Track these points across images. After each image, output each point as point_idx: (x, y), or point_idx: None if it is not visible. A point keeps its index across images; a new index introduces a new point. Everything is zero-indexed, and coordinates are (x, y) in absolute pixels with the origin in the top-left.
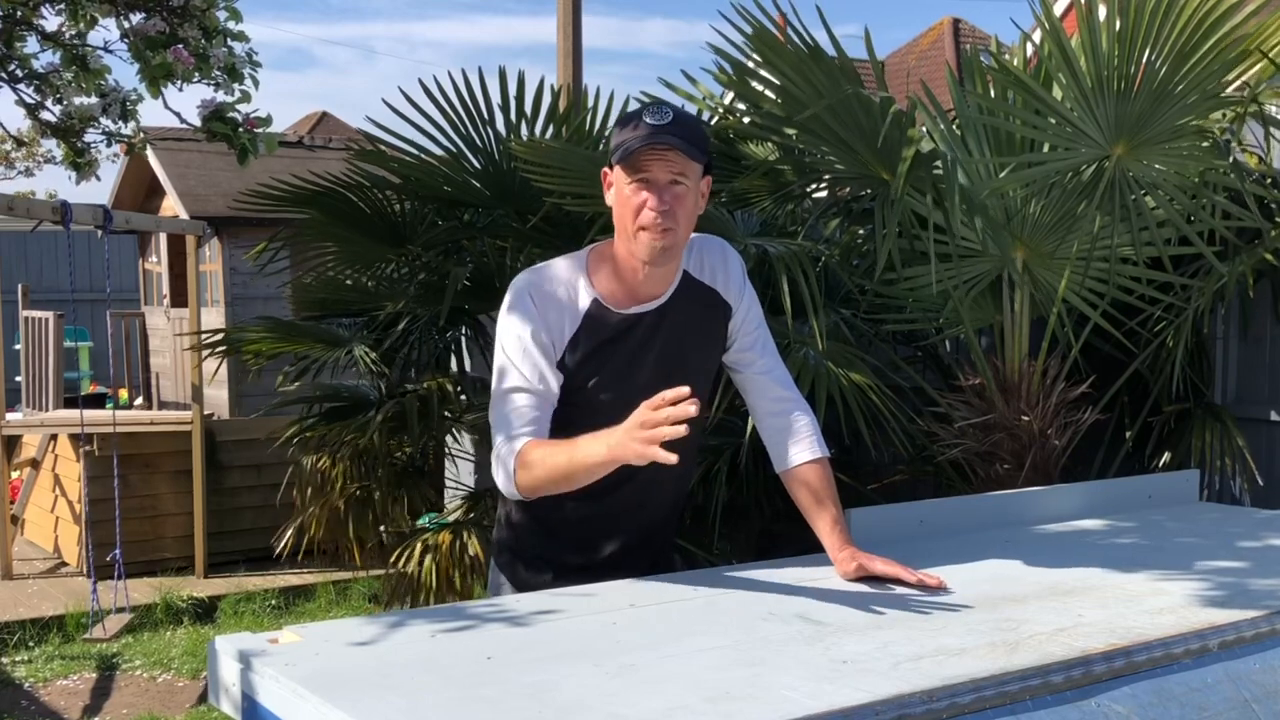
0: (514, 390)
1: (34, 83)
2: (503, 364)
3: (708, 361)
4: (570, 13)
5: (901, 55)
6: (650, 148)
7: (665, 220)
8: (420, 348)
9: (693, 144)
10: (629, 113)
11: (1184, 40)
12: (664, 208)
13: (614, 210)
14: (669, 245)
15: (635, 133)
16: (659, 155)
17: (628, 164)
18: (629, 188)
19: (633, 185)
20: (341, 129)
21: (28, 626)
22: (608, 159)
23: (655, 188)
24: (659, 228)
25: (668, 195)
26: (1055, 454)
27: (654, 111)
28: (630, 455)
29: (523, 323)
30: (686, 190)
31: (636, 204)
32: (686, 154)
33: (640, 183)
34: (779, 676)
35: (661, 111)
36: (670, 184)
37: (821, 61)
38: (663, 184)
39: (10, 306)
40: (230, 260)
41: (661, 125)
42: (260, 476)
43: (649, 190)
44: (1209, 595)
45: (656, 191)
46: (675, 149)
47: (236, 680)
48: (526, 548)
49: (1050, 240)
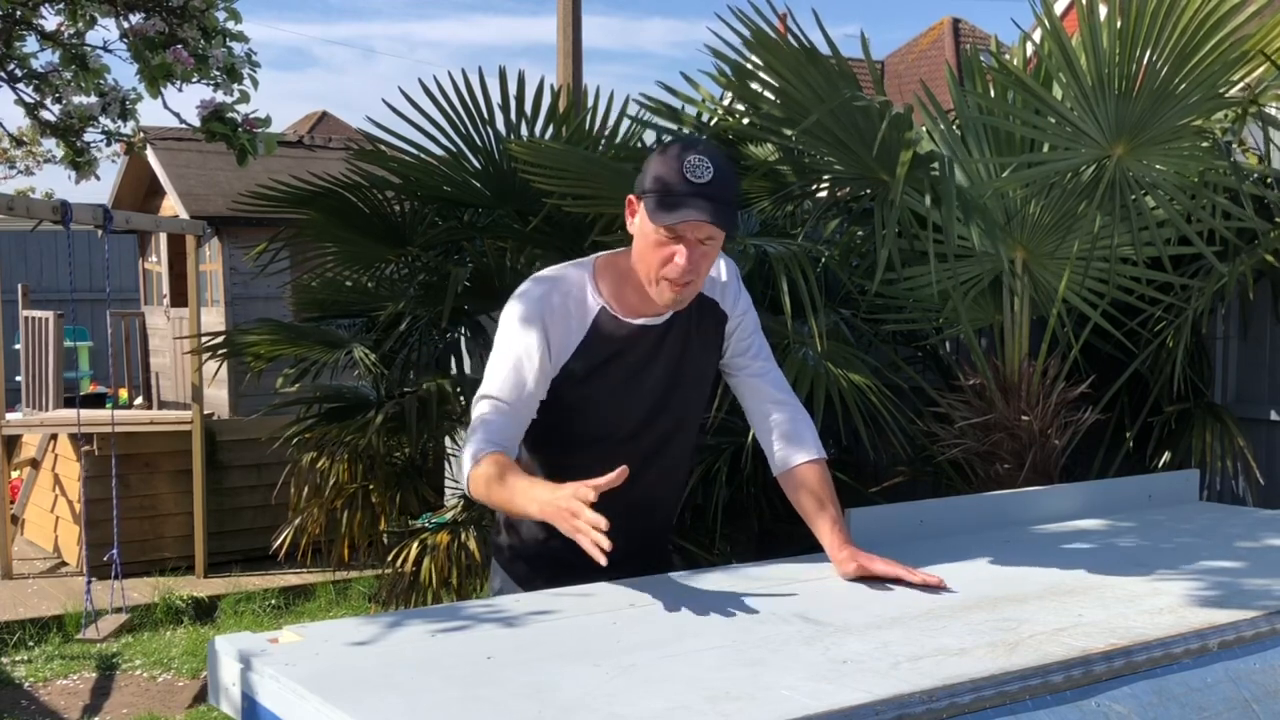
0: (491, 399)
1: (33, 82)
2: (495, 365)
3: (706, 368)
4: (570, 13)
5: (901, 55)
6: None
7: (688, 275)
8: (420, 349)
9: (728, 207)
10: (670, 148)
11: (1185, 40)
12: (690, 266)
13: (636, 245)
14: (687, 298)
15: (675, 180)
16: (695, 224)
17: (661, 217)
18: (656, 235)
19: (661, 235)
20: (341, 129)
21: (27, 626)
22: (636, 184)
23: (686, 243)
24: (682, 283)
25: (696, 254)
26: (1055, 454)
27: (696, 167)
28: (559, 528)
29: (521, 334)
30: (714, 248)
31: (663, 256)
32: (721, 225)
33: (671, 237)
34: (779, 676)
35: (704, 166)
36: (701, 241)
37: (819, 63)
38: (694, 240)
39: (10, 306)
40: (230, 260)
41: (704, 186)
42: (260, 476)
43: (678, 244)
44: (1209, 595)
45: (687, 248)
46: (714, 221)
47: (236, 680)
48: (527, 547)
49: (1050, 240)
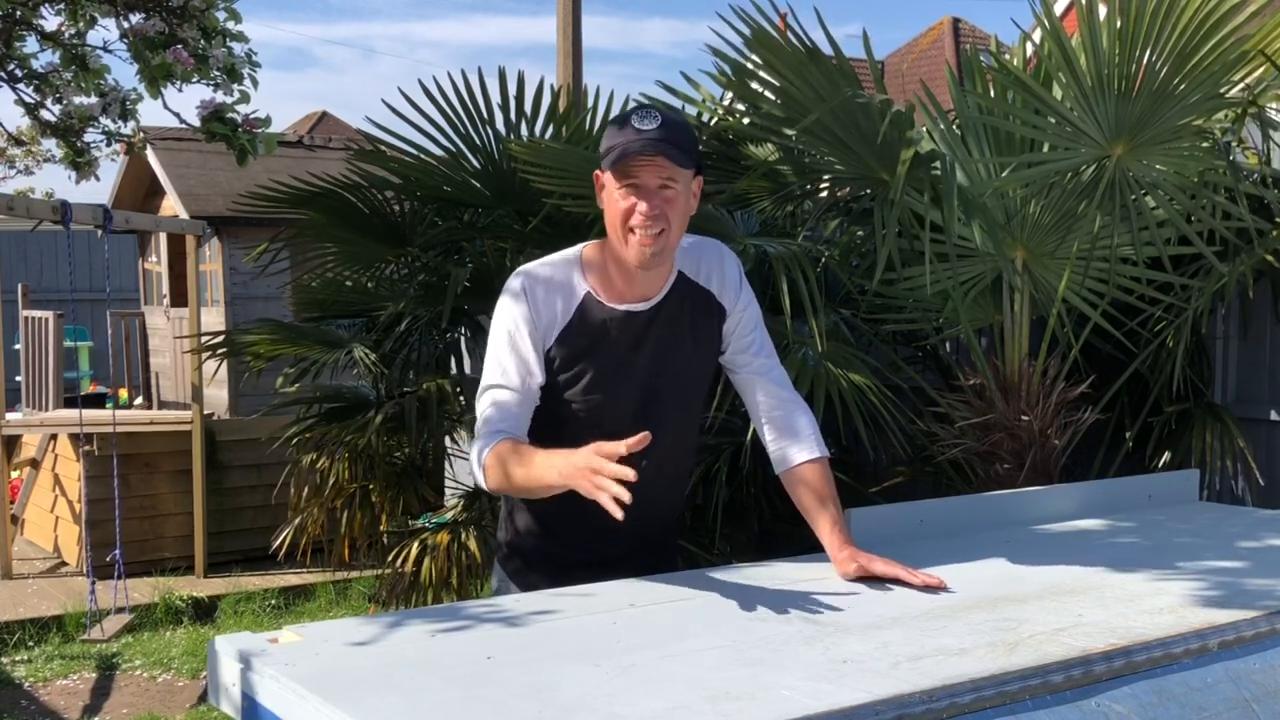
0: (495, 387)
1: (34, 82)
2: (490, 357)
3: (702, 364)
4: (570, 13)
5: (901, 55)
6: (639, 154)
7: (655, 224)
8: (420, 349)
9: (681, 149)
10: (617, 116)
11: (1185, 40)
12: (654, 212)
13: (606, 212)
14: (660, 249)
15: (624, 138)
16: (648, 161)
17: (617, 170)
18: (619, 192)
19: (622, 190)
20: (341, 129)
21: (27, 626)
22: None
23: (645, 193)
24: (650, 232)
25: (658, 199)
26: (1055, 454)
27: (642, 116)
28: (580, 489)
29: (513, 316)
30: (676, 194)
31: (625, 208)
32: (674, 160)
33: (630, 188)
34: (779, 676)
35: (650, 116)
36: (660, 188)
37: (820, 63)
38: (652, 189)
39: (10, 306)
40: (230, 260)
41: (649, 131)
42: (260, 476)
43: (639, 195)
44: (1209, 595)
45: (646, 196)
46: (663, 154)
47: (236, 680)
48: (528, 547)
49: (1050, 240)
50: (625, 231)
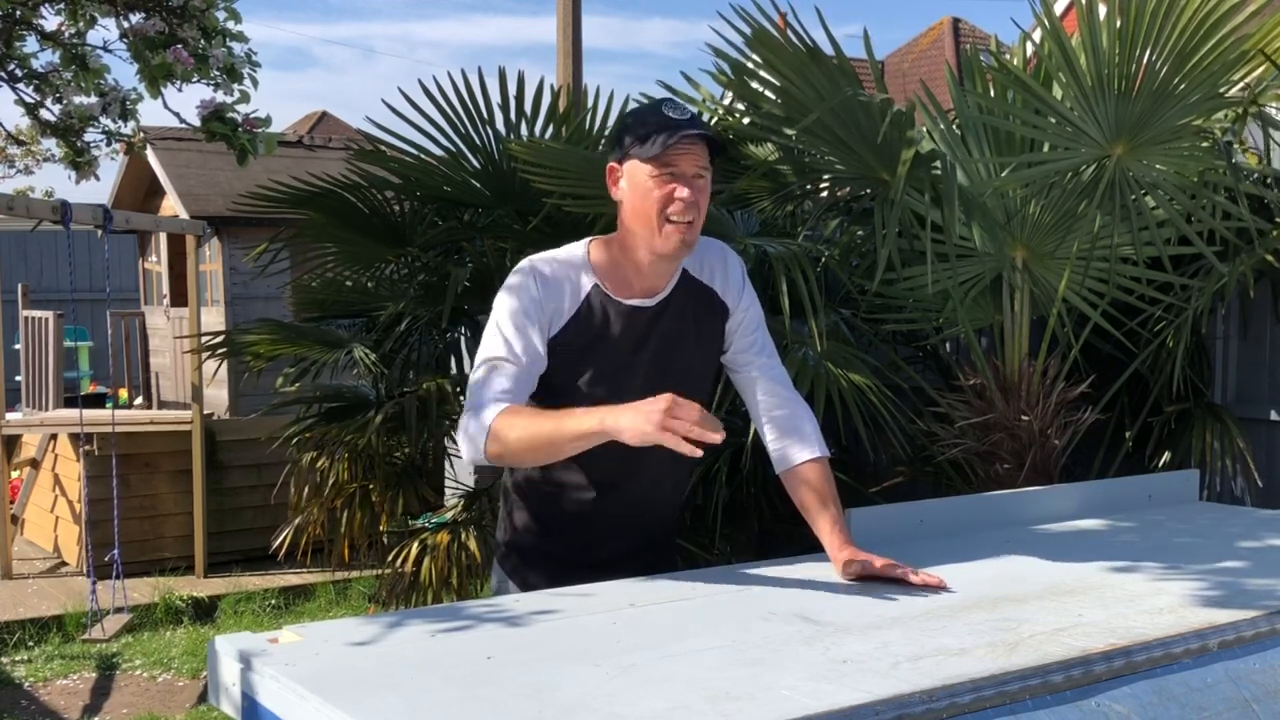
0: (497, 359)
1: (34, 82)
2: (491, 333)
3: (704, 362)
4: (570, 13)
5: (901, 55)
6: (680, 142)
7: (691, 211)
8: (420, 349)
9: (712, 142)
10: (642, 109)
11: (1185, 40)
12: (692, 199)
13: (629, 203)
14: (693, 239)
15: (659, 126)
16: (687, 150)
17: (657, 157)
18: (653, 180)
19: (660, 177)
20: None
21: (27, 626)
22: (615, 152)
23: (685, 180)
24: (687, 219)
25: (695, 187)
26: (1055, 454)
27: (674, 107)
28: (639, 431)
29: (519, 296)
30: (707, 184)
31: (664, 194)
32: (711, 150)
33: (670, 175)
34: (779, 676)
35: (681, 107)
36: (694, 177)
37: (821, 62)
38: (689, 176)
39: (10, 306)
40: (230, 260)
41: (686, 120)
42: (260, 476)
43: (679, 182)
44: (1209, 595)
45: (687, 183)
46: (703, 142)
47: (236, 680)
48: (528, 547)
49: (1050, 240)
50: (661, 221)
